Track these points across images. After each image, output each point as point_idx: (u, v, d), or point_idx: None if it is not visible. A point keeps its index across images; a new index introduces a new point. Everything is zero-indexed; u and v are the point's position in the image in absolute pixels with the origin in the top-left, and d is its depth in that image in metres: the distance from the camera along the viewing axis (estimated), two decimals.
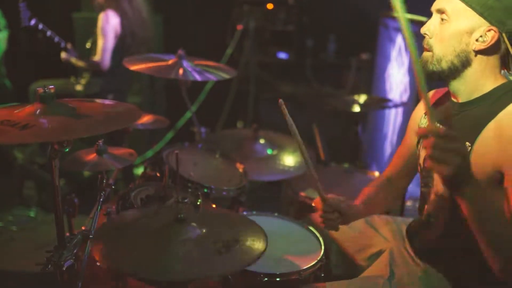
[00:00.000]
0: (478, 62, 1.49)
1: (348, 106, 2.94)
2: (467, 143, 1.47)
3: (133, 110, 1.53)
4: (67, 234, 1.72)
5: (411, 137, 1.86)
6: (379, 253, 1.85)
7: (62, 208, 1.49)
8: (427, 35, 1.54)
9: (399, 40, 3.62)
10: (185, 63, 2.41)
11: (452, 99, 1.60)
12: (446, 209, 1.62)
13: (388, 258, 1.76)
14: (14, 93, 3.92)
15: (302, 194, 2.54)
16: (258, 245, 1.45)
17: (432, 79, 1.58)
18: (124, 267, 1.33)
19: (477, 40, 1.45)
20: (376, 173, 2.95)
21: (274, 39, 4.67)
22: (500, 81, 1.50)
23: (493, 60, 1.49)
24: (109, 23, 3.60)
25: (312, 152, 2.77)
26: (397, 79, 3.69)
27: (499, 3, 1.40)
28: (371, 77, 4.26)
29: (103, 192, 1.77)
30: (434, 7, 1.54)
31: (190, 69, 2.38)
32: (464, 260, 1.57)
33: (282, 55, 4.67)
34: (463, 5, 1.45)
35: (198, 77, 2.34)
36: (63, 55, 3.67)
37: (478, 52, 1.47)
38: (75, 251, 1.52)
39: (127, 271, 1.31)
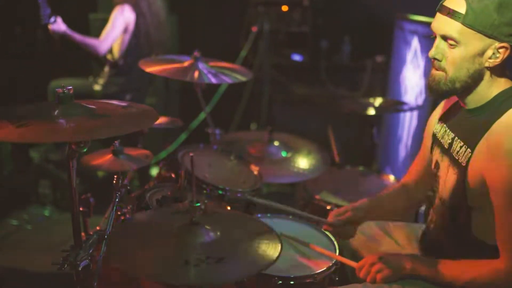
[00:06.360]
0: (489, 75, 1.51)
1: (363, 109, 2.92)
2: (468, 150, 1.51)
3: (149, 112, 1.53)
4: (82, 234, 1.74)
5: (427, 143, 1.85)
6: None
7: (78, 208, 1.50)
8: (437, 59, 1.54)
9: (414, 42, 3.58)
10: (201, 65, 2.41)
11: (461, 105, 1.63)
12: (446, 216, 1.61)
13: None
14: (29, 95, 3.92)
15: (317, 197, 2.53)
16: (272, 250, 1.43)
17: (444, 97, 1.61)
18: (137, 269, 1.32)
19: (490, 57, 1.47)
20: (391, 177, 2.93)
21: (289, 40, 4.65)
22: (503, 86, 1.52)
23: (499, 67, 1.50)
24: (123, 15, 3.58)
25: (327, 154, 2.76)
26: (412, 82, 3.65)
27: (504, 18, 1.41)
28: (386, 79, 4.23)
29: (119, 193, 1.77)
30: (437, 32, 1.53)
31: (206, 72, 2.37)
32: None
33: (297, 57, 4.65)
34: (469, 29, 1.44)
35: (213, 80, 2.34)
36: (51, 26, 3.26)
37: (490, 68, 1.49)
38: (90, 251, 1.53)
39: (140, 273, 1.30)
